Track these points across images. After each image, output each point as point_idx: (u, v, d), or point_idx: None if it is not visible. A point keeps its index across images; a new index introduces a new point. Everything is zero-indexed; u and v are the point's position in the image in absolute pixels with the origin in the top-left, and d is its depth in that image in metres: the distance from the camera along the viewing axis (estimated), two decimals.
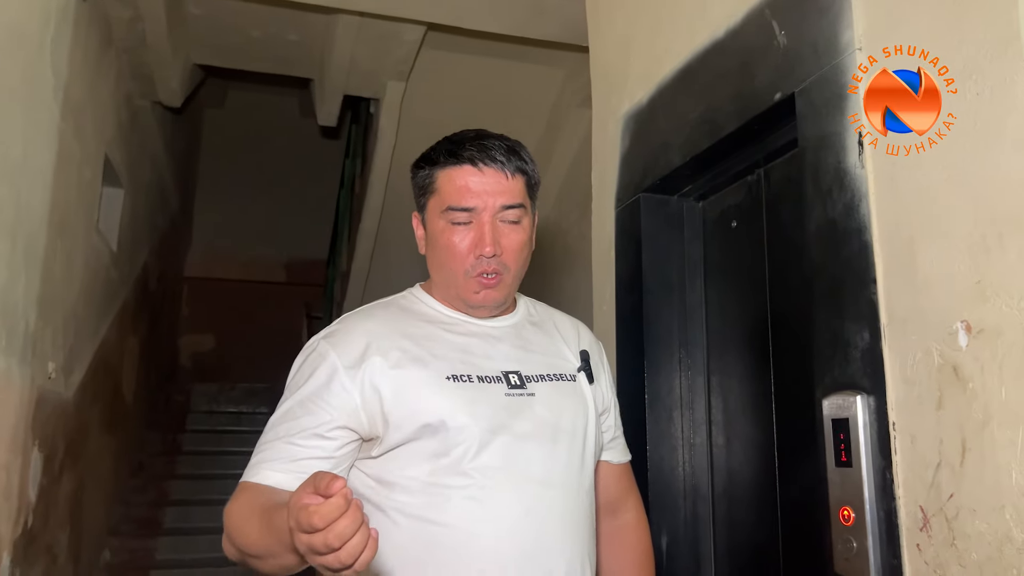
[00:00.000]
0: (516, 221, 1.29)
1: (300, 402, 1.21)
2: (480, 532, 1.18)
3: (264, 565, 1.10)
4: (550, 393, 1.30)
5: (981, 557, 1.08)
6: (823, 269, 1.40)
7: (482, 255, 1.26)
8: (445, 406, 1.21)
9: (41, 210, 2.82)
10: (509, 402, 1.25)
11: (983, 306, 1.10)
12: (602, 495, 1.43)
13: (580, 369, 1.38)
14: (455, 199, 1.26)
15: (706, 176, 1.95)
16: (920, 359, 1.20)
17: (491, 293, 1.29)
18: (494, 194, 1.26)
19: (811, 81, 1.46)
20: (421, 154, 1.35)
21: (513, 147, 1.31)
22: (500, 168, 1.27)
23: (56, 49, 2.87)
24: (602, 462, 1.44)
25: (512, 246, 1.28)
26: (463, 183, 1.26)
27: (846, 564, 1.29)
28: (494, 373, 1.27)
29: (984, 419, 1.09)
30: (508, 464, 1.21)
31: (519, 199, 1.29)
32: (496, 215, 1.27)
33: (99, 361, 4.11)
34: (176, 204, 6.82)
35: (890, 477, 1.23)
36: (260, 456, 1.19)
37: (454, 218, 1.26)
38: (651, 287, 2.00)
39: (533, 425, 1.25)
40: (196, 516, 5.26)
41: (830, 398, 1.34)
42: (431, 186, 1.30)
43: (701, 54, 1.83)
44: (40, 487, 3.06)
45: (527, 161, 1.32)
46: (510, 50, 4.20)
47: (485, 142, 1.29)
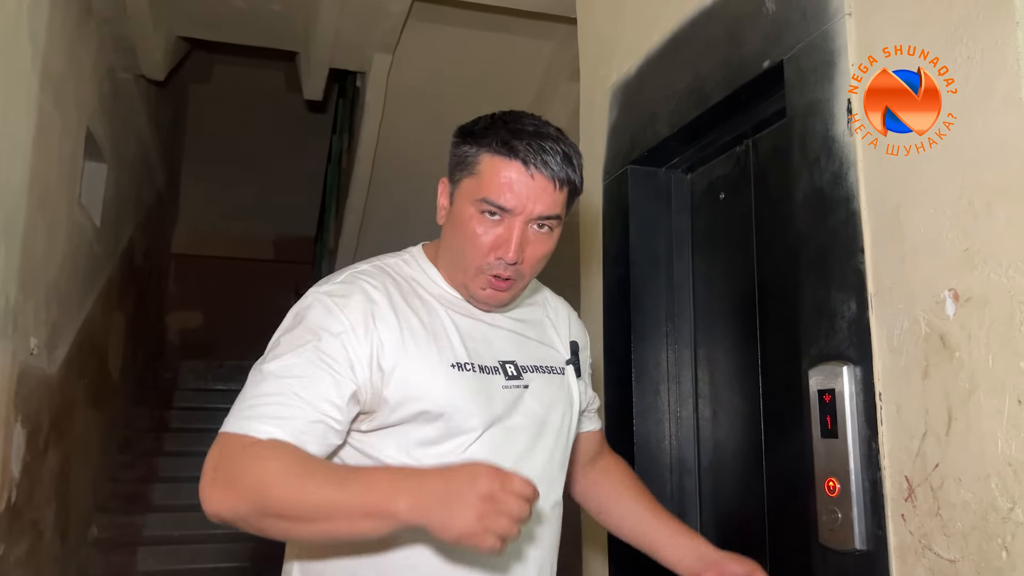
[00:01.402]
0: (550, 229, 1.22)
1: (314, 363, 1.10)
2: None
3: (300, 528, 1.03)
4: (542, 386, 1.29)
5: (966, 526, 1.08)
6: (810, 239, 1.38)
7: (502, 258, 1.19)
8: (449, 396, 1.17)
9: (20, 182, 2.77)
10: (506, 395, 1.23)
11: (971, 274, 1.09)
12: (580, 457, 1.47)
13: (569, 362, 1.37)
14: (494, 194, 1.17)
15: (694, 147, 1.93)
16: (907, 328, 1.19)
17: (498, 295, 1.24)
18: (535, 201, 1.17)
19: (800, 48, 1.44)
20: (471, 124, 1.25)
21: (569, 155, 1.20)
22: (551, 177, 1.17)
23: (34, 17, 2.81)
24: (580, 434, 1.46)
25: (535, 256, 1.22)
26: (507, 180, 1.17)
27: (830, 535, 1.29)
28: (492, 363, 1.24)
29: (970, 388, 1.08)
30: (497, 455, 1.17)
31: (558, 211, 1.20)
32: (529, 221, 1.19)
33: (84, 337, 4.07)
34: (162, 180, 6.75)
35: (876, 447, 1.22)
36: (266, 410, 1.07)
37: (486, 209, 1.18)
38: (638, 259, 1.98)
39: (525, 418, 1.24)
40: (184, 493, 5.25)
41: (816, 369, 1.33)
42: (473, 166, 1.20)
43: (689, 23, 1.80)
44: (24, 463, 3.04)
45: (578, 172, 1.23)
46: (498, 22, 4.14)
47: (544, 143, 1.18)
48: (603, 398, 2.03)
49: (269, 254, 8.90)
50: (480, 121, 1.23)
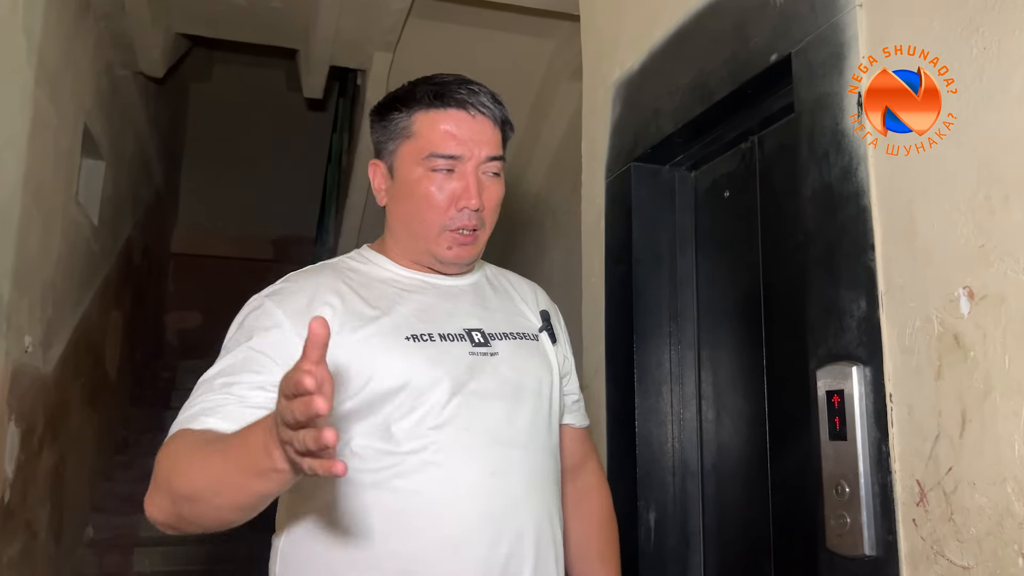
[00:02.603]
0: (497, 174, 1.24)
1: (242, 360, 1.11)
2: (444, 496, 1.13)
3: (204, 509, 1.00)
4: (514, 352, 1.26)
5: (980, 532, 1.04)
6: (818, 236, 1.35)
7: (466, 207, 1.19)
8: (407, 367, 1.15)
9: (14, 178, 2.74)
10: (473, 361, 1.20)
11: (986, 271, 1.05)
12: (564, 459, 1.38)
13: (542, 329, 1.34)
14: (440, 146, 1.18)
15: (698, 144, 1.90)
16: (919, 327, 1.15)
17: (465, 250, 1.23)
18: (481, 143, 1.20)
19: (808, 41, 1.41)
20: (390, 96, 1.26)
21: (495, 95, 1.24)
22: (489, 115, 1.21)
23: (29, 11, 2.78)
24: (564, 426, 1.40)
25: (493, 201, 1.23)
26: (449, 129, 1.19)
27: (839, 540, 1.25)
28: (456, 331, 1.22)
29: (986, 389, 1.04)
30: (471, 425, 1.16)
31: (501, 151, 1.24)
32: (480, 166, 1.20)
33: (80, 335, 4.03)
34: (161, 178, 6.72)
35: (886, 450, 1.19)
36: (196, 409, 1.08)
37: (436, 165, 1.18)
38: (641, 258, 1.95)
39: (497, 383, 1.20)
40: None
41: (824, 369, 1.30)
42: (407, 129, 1.21)
43: (694, 17, 1.77)
44: (17, 462, 3.00)
45: (506, 110, 1.26)
46: (499, 19, 4.11)
47: (472, 86, 1.22)
48: (604, 399, 1.99)
49: (268, 254, 8.85)
50: (398, 90, 1.25)
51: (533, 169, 4.90)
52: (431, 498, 1.13)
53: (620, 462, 1.92)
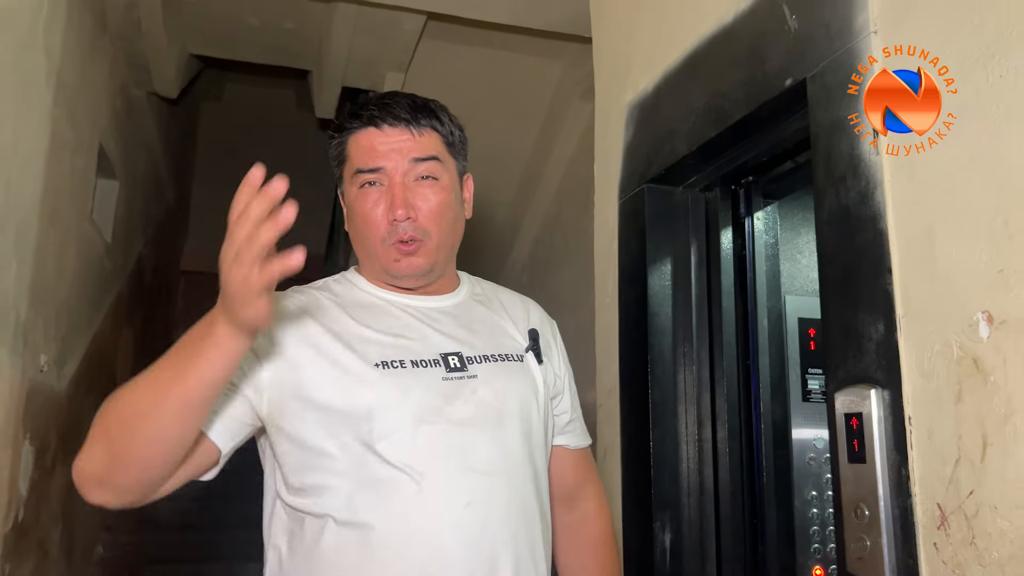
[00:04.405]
0: (433, 178, 1.22)
1: None
2: (419, 528, 1.11)
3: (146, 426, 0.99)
4: (494, 375, 1.22)
5: (1003, 556, 1.04)
6: (835, 259, 1.36)
7: (395, 220, 1.19)
8: (372, 395, 1.13)
9: (33, 198, 2.77)
10: (446, 387, 1.17)
11: (1006, 295, 1.06)
12: (558, 483, 1.35)
13: (528, 349, 1.30)
14: (361, 160, 1.22)
15: (712, 166, 1.91)
16: (938, 351, 1.15)
17: (412, 260, 1.21)
18: (401, 151, 1.20)
19: (824, 66, 1.42)
20: (333, 123, 1.29)
21: (422, 103, 1.25)
22: (405, 126, 1.21)
23: (49, 33, 2.82)
24: (558, 447, 1.36)
25: (429, 207, 1.21)
26: (368, 144, 1.22)
27: (859, 563, 1.25)
28: (431, 356, 1.19)
29: (1007, 413, 1.05)
30: (446, 453, 1.14)
31: (431, 151, 1.23)
32: (407, 174, 1.21)
33: (93, 353, 4.05)
34: (172, 197, 6.77)
35: (906, 473, 1.19)
36: None
37: (362, 180, 1.21)
38: (655, 280, 1.96)
39: (475, 410, 1.18)
40: (191, 512, 5.22)
41: (843, 392, 1.30)
42: (343, 154, 1.26)
43: (709, 40, 1.79)
44: (31, 481, 3.01)
45: (440, 118, 1.26)
46: (510, 40, 4.14)
47: (387, 100, 1.24)
48: (619, 420, 2.00)
49: None
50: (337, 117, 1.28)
51: (543, 188, 4.92)
52: (405, 531, 1.10)
53: (635, 483, 1.92)
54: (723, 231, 1.94)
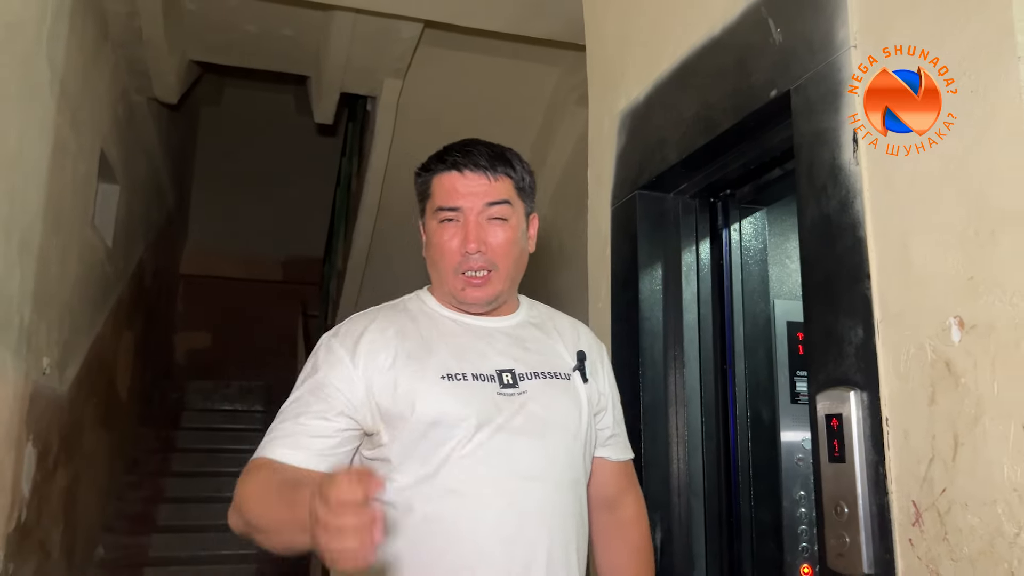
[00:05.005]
0: (503, 219, 1.36)
1: (310, 390, 1.30)
2: (462, 523, 1.25)
3: (269, 540, 1.16)
4: (542, 390, 1.35)
5: (973, 551, 1.09)
6: (817, 265, 1.40)
7: (467, 252, 1.33)
8: (439, 404, 1.27)
9: (36, 204, 2.82)
10: (500, 400, 1.31)
11: (976, 302, 1.11)
12: (600, 490, 1.47)
13: (575, 368, 1.42)
14: (443, 199, 1.36)
15: (702, 174, 1.95)
16: (913, 354, 1.20)
17: (476, 292, 1.36)
18: (478, 195, 1.35)
19: (807, 78, 1.47)
20: (421, 163, 1.43)
21: (499, 153, 1.39)
22: (483, 172, 1.36)
23: (52, 42, 2.86)
24: (602, 459, 1.48)
25: (498, 243, 1.36)
26: (450, 185, 1.36)
27: (839, 559, 1.29)
28: (488, 371, 1.33)
29: (976, 414, 1.09)
30: (494, 459, 1.27)
31: (502, 197, 1.37)
32: (481, 214, 1.35)
33: (94, 357, 4.10)
34: (172, 201, 6.81)
35: (883, 472, 1.24)
36: (271, 436, 1.27)
37: (442, 217, 1.36)
38: (646, 284, 2.00)
39: (524, 421, 1.31)
40: (191, 513, 5.26)
41: (824, 394, 1.35)
42: (427, 191, 1.40)
43: (698, 51, 1.83)
44: (34, 482, 3.05)
45: (514, 166, 1.40)
46: (508, 48, 4.19)
47: (470, 148, 1.38)
48: None
49: (277, 275, 8.93)
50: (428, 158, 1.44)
51: (539, 192, 4.91)
52: (450, 522, 1.24)
53: None
54: (701, 241, 2.00)
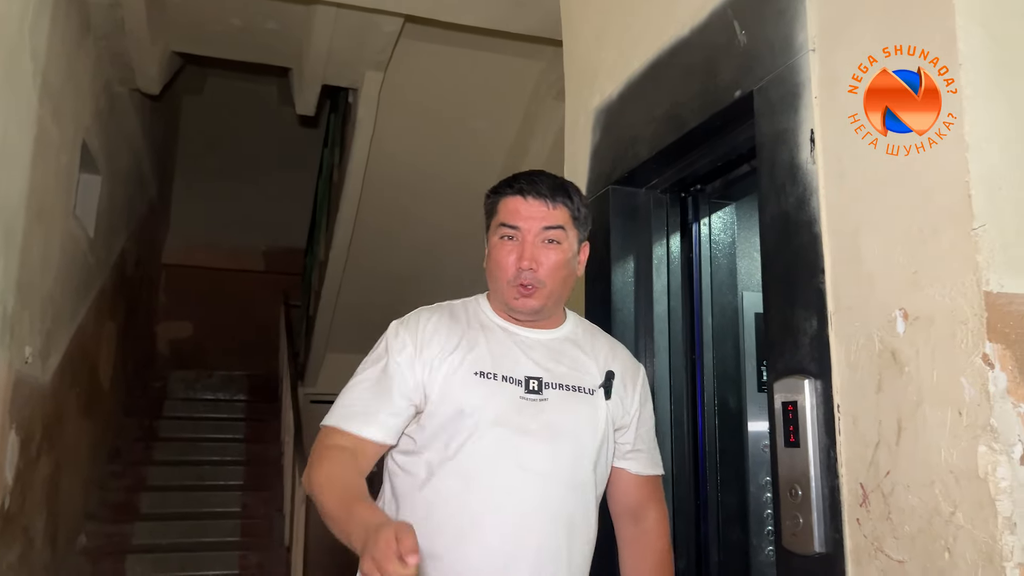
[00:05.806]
0: (556, 242, 1.51)
1: (380, 371, 1.47)
2: (463, 497, 1.40)
3: (325, 521, 1.32)
4: (564, 400, 1.48)
5: (913, 529, 1.16)
6: (776, 259, 1.47)
7: (521, 268, 1.48)
8: (467, 396, 1.44)
9: (19, 195, 2.84)
10: (522, 403, 1.45)
11: (918, 295, 1.17)
12: (622, 499, 1.61)
13: (601, 386, 1.53)
14: (506, 218, 1.52)
15: (672, 170, 2.02)
16: (863, 345, 1.27)
17: (527, 301, 1.50)
18: (537, 219, 1.50)
19: (768, 80, 1.53)
20: (492, 187, 1.59)
21: (560, 184, 1.55)
22: (543, 200, 1.51)
23: (35, 34, 2.88)
24: (622, 470, 1.59)
25: (549, 264, 1.50)
26: (514, 208, 1.52)
27: (793, 539, 1.36)
28: (518, 376, 1.47)
29: (918, 400, 1.16)
30: (502, 452, 1.41)
31: (558, 222, 1.51)
32: (537, 236, 1.49)
33: (76, 346, 4.12)
34: (154, 191, 6.81)
35: (834, 456, 1.30)
36: (345, 409, 1.45)
37: (503, 233, 1.52)
38: (618, 276, 2.07)
39: (538, 424, 1.44)
40: (173, 502, 5.30)
41: (781, 382, 1.41)
42: (494, 210, 1.56)
43: (668, 51, 1.89)
44: (16, 470, 3.09)
45: (571, 197, 1.54)
46: (489, 42, 4.23)
47: (535, 177, 1.54)
48: None
49: (259, 265, 8.94)
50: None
51: None
52: (451, 495, 1.41)
53: None
54: (672, 235, 2.07)
